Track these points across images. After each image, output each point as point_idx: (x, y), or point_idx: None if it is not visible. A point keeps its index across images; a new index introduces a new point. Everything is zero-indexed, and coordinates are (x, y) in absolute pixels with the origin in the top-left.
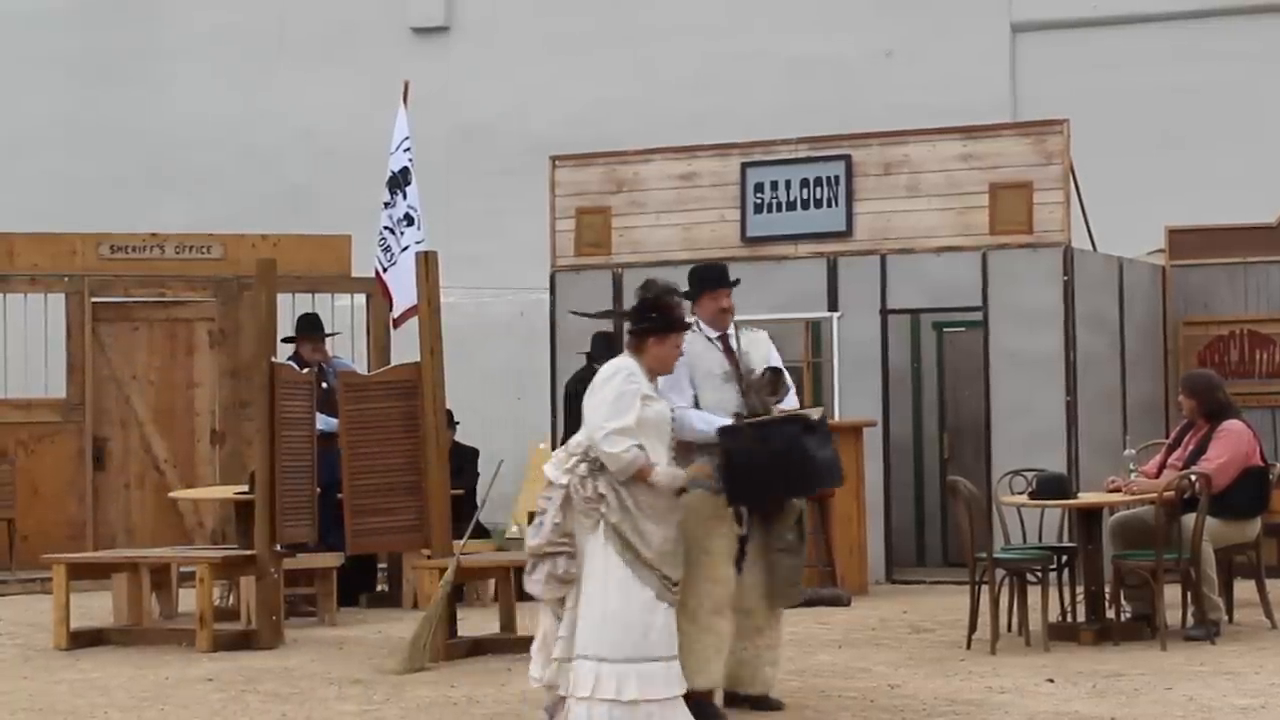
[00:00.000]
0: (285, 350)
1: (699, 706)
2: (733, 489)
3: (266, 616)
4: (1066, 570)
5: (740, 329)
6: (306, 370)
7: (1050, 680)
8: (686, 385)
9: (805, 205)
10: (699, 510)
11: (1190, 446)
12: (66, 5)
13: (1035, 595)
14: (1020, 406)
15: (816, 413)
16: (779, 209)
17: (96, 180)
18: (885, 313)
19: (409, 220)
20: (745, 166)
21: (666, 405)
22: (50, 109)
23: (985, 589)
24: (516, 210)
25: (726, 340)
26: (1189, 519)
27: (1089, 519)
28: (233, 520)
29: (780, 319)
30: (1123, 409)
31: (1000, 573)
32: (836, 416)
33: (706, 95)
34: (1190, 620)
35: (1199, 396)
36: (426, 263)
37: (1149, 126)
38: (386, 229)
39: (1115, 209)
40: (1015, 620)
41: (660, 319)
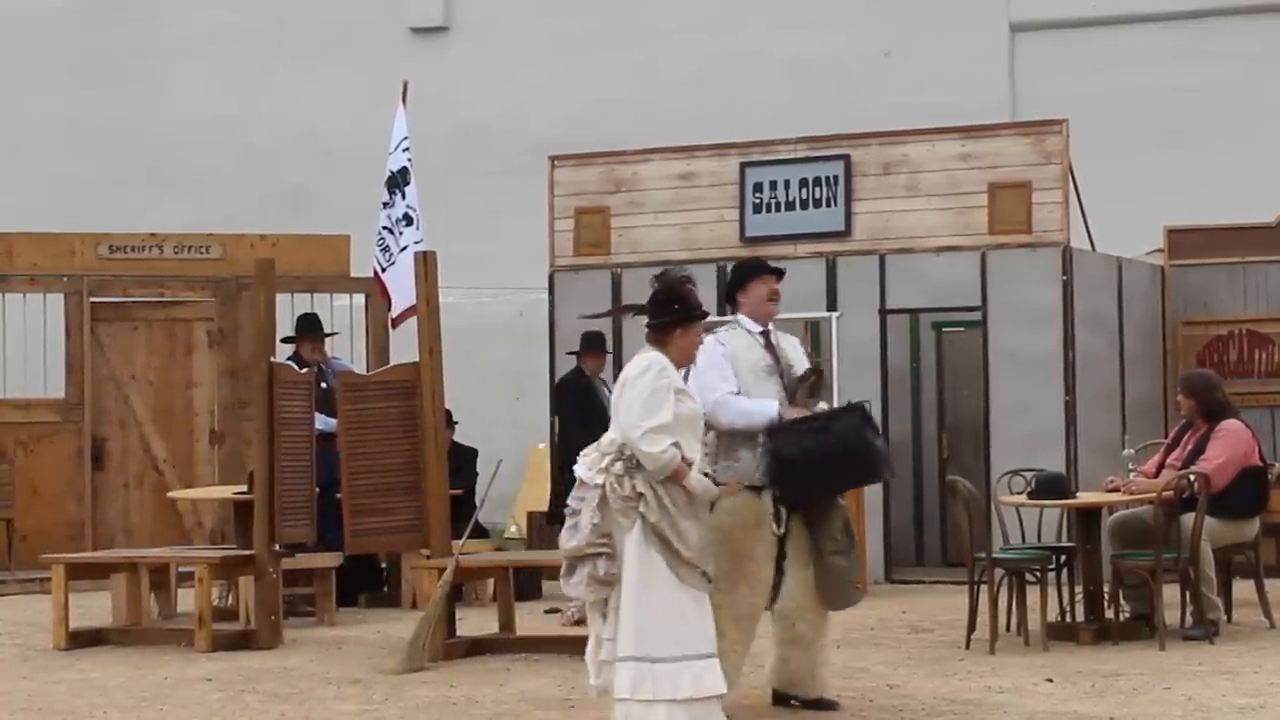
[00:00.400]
0: (284, 350)
1: None
2: (788, 486)
3: (265, 616)
4: (1065, 570)
5: (774, 330)
6: (305, 370)
7: (1049, 680)
8: (730, 374)
9: (804, 205)
10: (740, 514)
11: (1189, 446)
12: (66, 5)
13: (1034, 595)
14: (1019, 406)
15: (868, 404)
16: (778, 209)
17: (96, 180)
18: (884, 312)
19: (408, 220)
20: (744, 166)
21: (698, 401)
22: (50, 109)
23: (984, 589)
24: (515, 210)
25: (768, 336)
26: (1188, 519)
27: (1088, 519)
28: (231, 520)
29: (779, 319)
30: (1121, 409)
31: (999, 572)
32: None
33: (705, 95)
34: (1189, 620)
35: (1198, 396)
36: (425, 263)
37: (1148, 126)
38: (385, 229)
39: (1114, 209)
40: (1014, 620)
41: (682, 310)
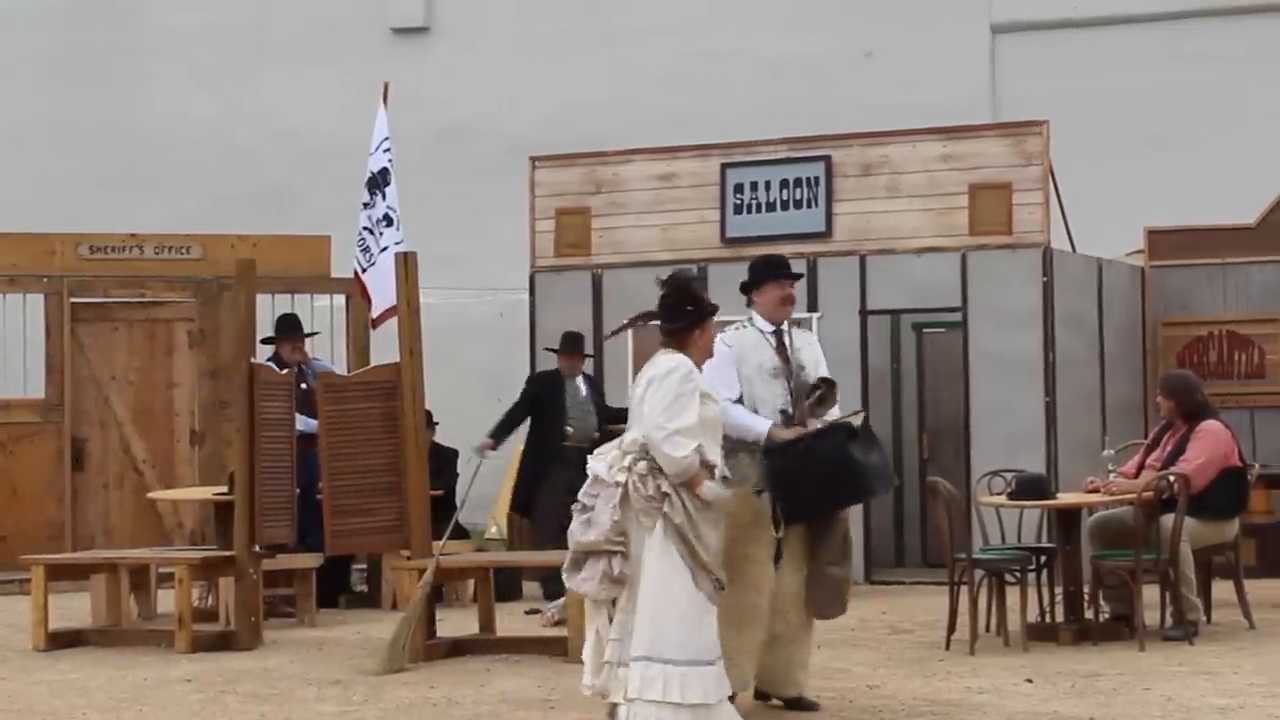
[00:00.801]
0: (265, 351)
1: None
2: (788, 507)
3: (245, 617)
4: (1045, 571)
5: (792, 326)
6: (286, 371)
7: (1029, 680)
8: (734, 379)
9: (785, 206)
10: (739, 516)
11: (1169, 447)
12: (48, 5)
13: (1014, 596)
14: (999, 407)
15: (857, 419)
16: (759, 210)
17: (76, 180)
18: (865, 313)
19: (388, 221)
20: (725, 167)
21: (718, 405)
22: (31, 109)
23: (964, 589)
24: (496, 211)
25: (780, 335)
26: (1167, 519)
27: (1068, 519)
28: (212, 521)
29: None
30: (1102, 409)
31: (979, 573)
32: None
33: (686, 95)
34: (1169, 620)
35: (1177, 397)
36: (406, 263)
37: (1128, 127)
38: (365, 229)
39: (1094, 210)
40: (994, 621)
41: (697, 310)
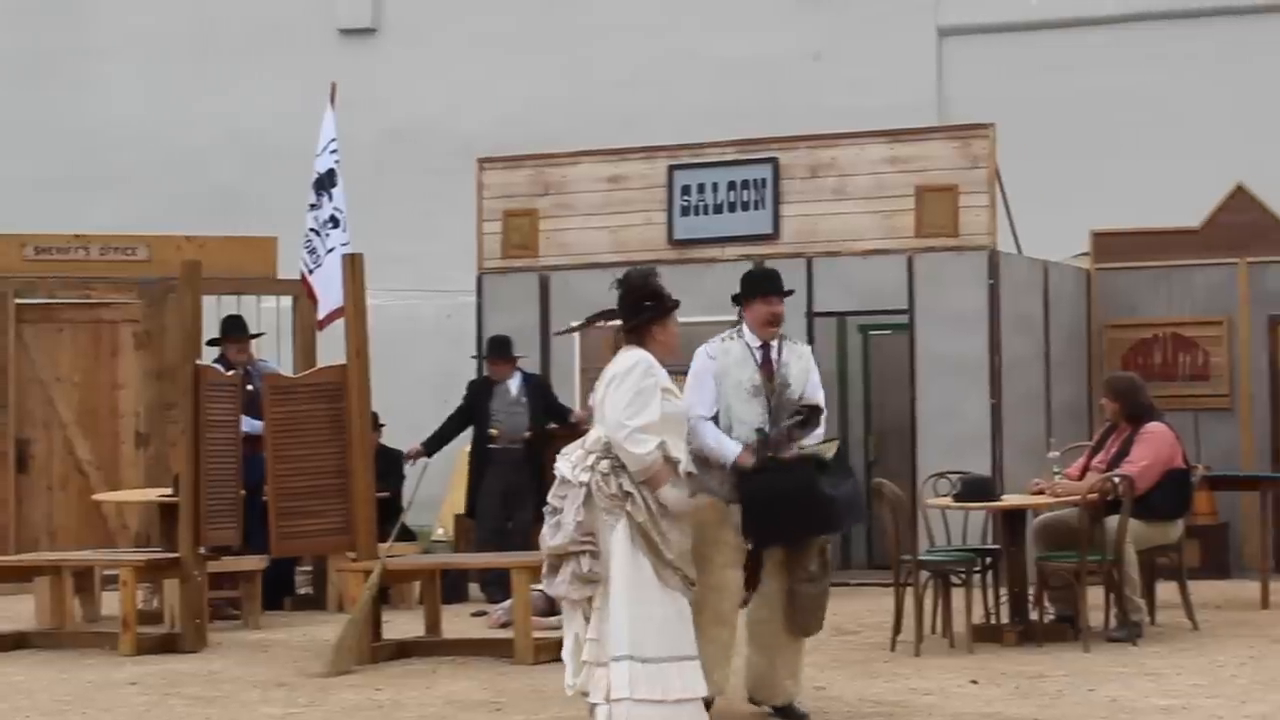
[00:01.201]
0: (211, 352)
1: None
2: (755, 532)
3: (190, 620)
4: (990, 572)
5: (785, 340)
6: (231, 372)
7: (974, 681)
8: (711, 396)
9: (732, 208)
10: (703, 519)
11: (1113, 449)
12: None
13: (959, 597)
14: (946, 409)
15: (830, 449)
16: (706, 212)
17: (22, 181)
18: (812, 315)
19: (334, 222)
20: (673, 169)
21: (684, 401)
22: None
23: (910, 591)
24: (444, 212)
25: (768, 351)
26: (1112, 521)
27: (1013, 521)
28: (157, 523)
29: (707, 321)
30: (1047, 412)
31: (925, 574)
32: None
33: (634, 97)
34: (1113, 621)
35: (1122, 399)
36: (352, 265)
37: (1074, 130)
38: (312, 231)
39: (1040, 212)
40: (939, 622)
41: (656, 304)
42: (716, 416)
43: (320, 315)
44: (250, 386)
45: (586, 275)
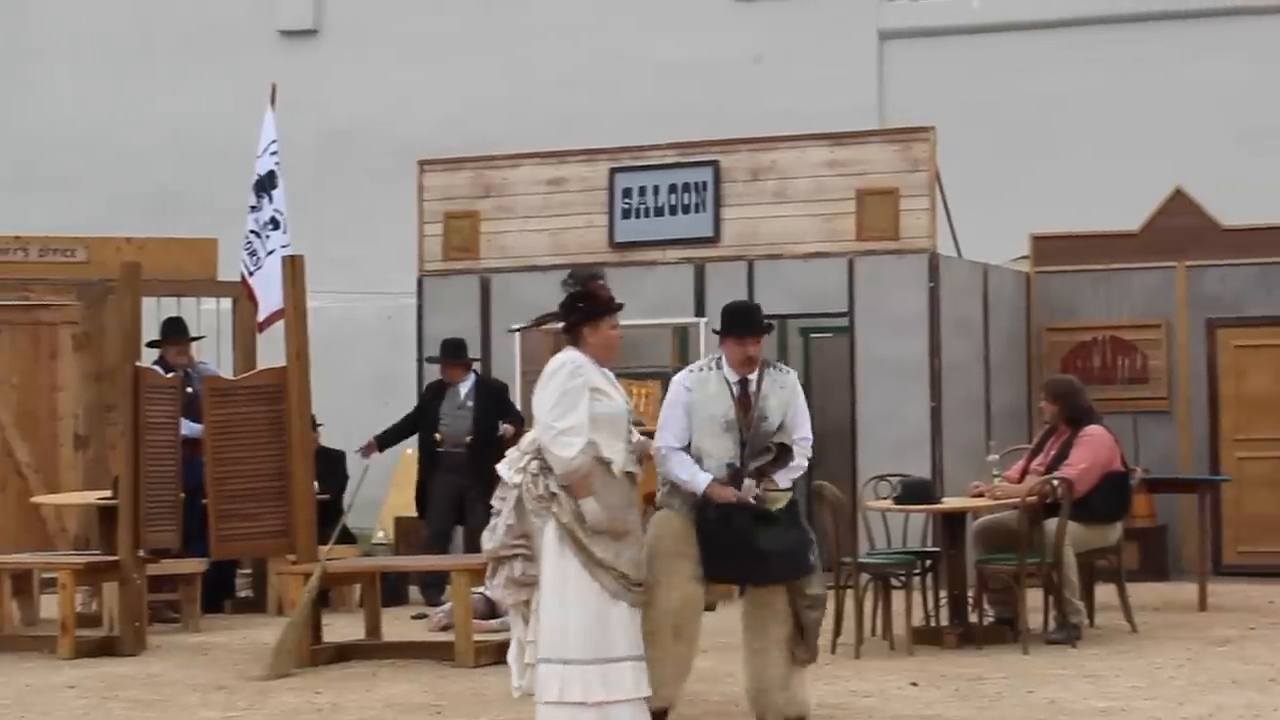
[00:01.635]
0: (150, 354)
1: None
2: (707, 565)
3: (129, 623)
4: (930, 574)
5: (768, 369)
6: (171, 374)
7: (914, 684)
8: (683, 427)
9: (673, 211)
10: (664, 530)
11: (1052, 452)
12: None
13: (899, 599)
14: (886, 412)
15: (780, 501)
16: (647, 214)
17: None
18: None
19: (275, 224)
20: (614, 171)
21: (622, 399)
22: None
23: (850, 593)
24: (384, 214)
25: (745, 385)
26: (1051, 523)
27: (953, 524)
28: (96, 525)
29: (648, 324)
30: (987, 414)
31: (865, 577)
32: None
33: (575, 99)
34: (1052, 624)
35: (1061, 402)
36: (292, 267)
37: (1014, 134)
38: (252, 233)
39: (980, 215)
40: (879, 624)
41: (587, 306)
42: (688, 448)
43: (260, 317)
44: (190, 389)
45: (527, 278)
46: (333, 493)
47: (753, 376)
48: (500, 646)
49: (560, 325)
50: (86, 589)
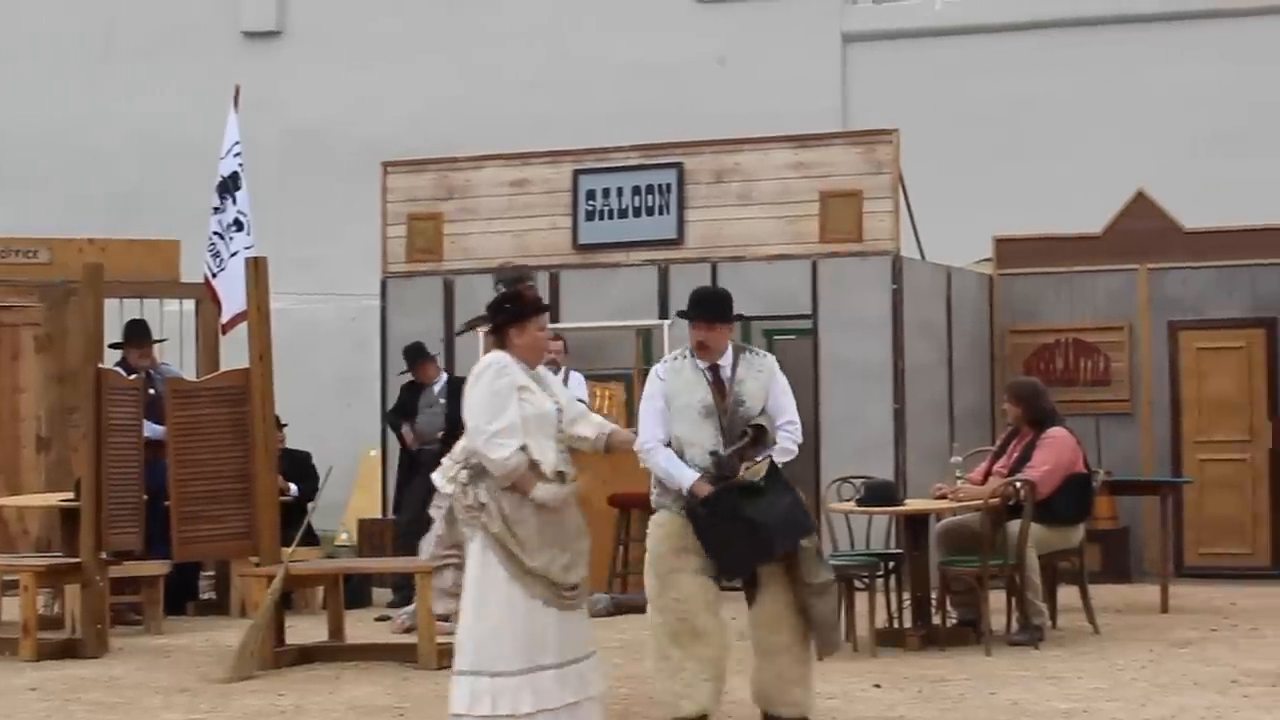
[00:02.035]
0: (113, 356)
1: None
2: (718, 563)
3: (91, 625)
4: (894, 576)
5: (743, 354)
6: (134, 376)
7: (877, 685)
8: (662, 420)
9: (637, 213)
10: (666, 529)
11: (1015, 453)
12: None
13: (863, 601)
14: (849, 414)
15: (759, 471)
16: (611, 216)
17: None
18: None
19: (238, 225)
20: (577, 173)
21: (550, 399)
22: None
23: None
24: (348, 216)
25: (718, 371)
26: (1014, 525)
27: (916, 525)
28: (58, 527)
29: (612, 326)
30: (950, 417)
31: None
32: None
33: (539, 100)
34: (1015, 625)
35: (1024, 404)
36: (256, 268)
37: (977, 136)
38: (216, 234)
39: (944, 218)
40: (843, 626)
41: (513, 308)
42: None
43: (224, 319)
44: (153, 391)
45: (491, 280)
46: (308, 493)
47: (725, 362)
48: None
49: (488, 326)
50: (48, 591)
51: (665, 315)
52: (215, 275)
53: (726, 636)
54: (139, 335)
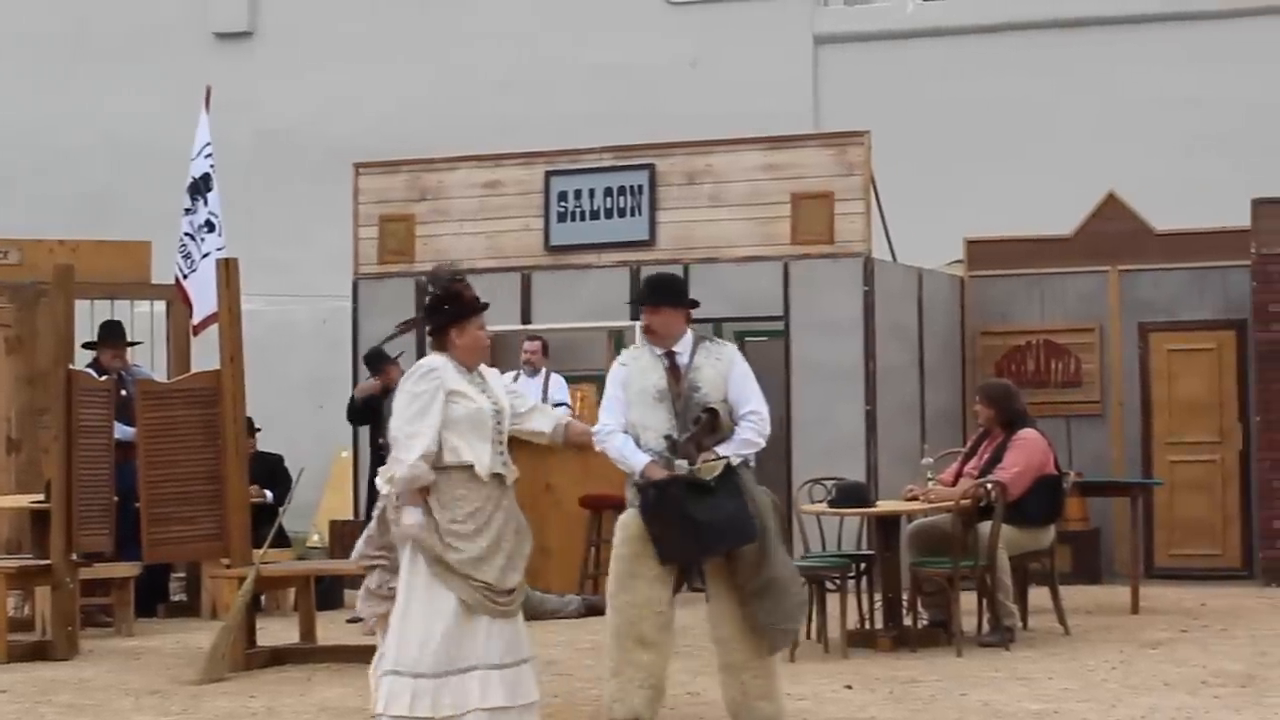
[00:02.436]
0: (84, 357)
1: None
2: (657, 549)
3: (62, 627)
4: (865, 577)
5: (703, 343)
6: (105, 378)
7: (848, 687)
8: (620, 406)
9: (609, 214)
10: (630, 530)
11: (986, 455)
12: None
13: (834, 602)
14: (821, 416)
15: (714, 470)
16: (583, 218)
17: None
18: (688, 322)
19: (210, 227)
20: (549, 175)
21: (489, 401)
22: None
23: None
24: (320, 217)
25: (674, 358)
26: (985, 527)
27: (887, 527)
28: (28, 529)
29: (583, 328)
30: (921, 418)
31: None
32: None
33: (511, 102)
34: (986, 627)
35: (996, 405)
36: (227, 270)
37: (949, 138)
38: (187, 235)
39: (915, 220)
40: (814, 627)
41: (453, 308)
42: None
43: (195, 320)
44: (124, 392)
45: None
46: (282, 495)
47: (682, 349)
48: None
49: (428, 328)
50: (19, 593)
51: (637, 317)
52: (186, 276)
53: (670, 648)
54: (114, 336)
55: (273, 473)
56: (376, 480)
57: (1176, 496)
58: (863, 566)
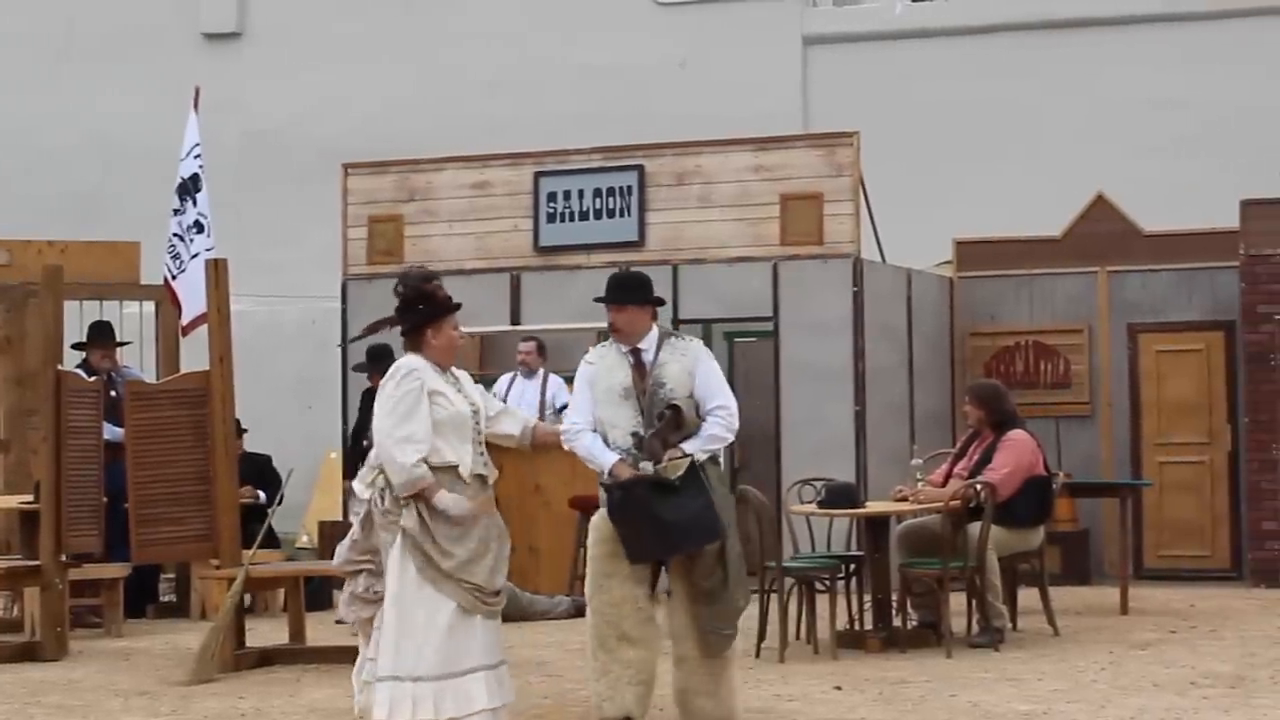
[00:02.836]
0: (73, 357)
1: None
2: (624, 548)
3: (51, 628)
4: (854, 578)
5: (668, 339)
6: (94, 378)
7: (838, 688)
8: (587, 404)
9: (598, 215)
10: (603, 531)
11: (975, 456)
12: None
13: (824, 603)
14: (810, 416)
15: (678, 469)
16: (572, 219)
17: None
18: (677, 322)
19: (199, 227)
20: (538, 176)
21: (466, 402)
22: None
23: (774, 597)
24: (308, 217)
25: (639, 354)
26: (974, 528)
27: (877, 528)
28: (17, 530)
29: (573, 328)
30: (910, 419)
31: (789, 581)
32: None
33: (500, 103)
34: (975, 628)
35: (985, 406)
36: (216, 270)
37: (938, 139)
38: (176, 236)
39: (904, 221)
40: (804, 628)
41: (428, 309)
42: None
43: (184, 321)
44: (114, 393)
45: (452, 282)
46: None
47: (647, 346)
48: None
49: (402, 329)
50: (8, 594)
51: None
52: (175, 277)
53: (657, 644)
54: (104, 337)
55: (261, 473)
56: (355, 484)
57: (1165, 497)
58: (852, 567)
